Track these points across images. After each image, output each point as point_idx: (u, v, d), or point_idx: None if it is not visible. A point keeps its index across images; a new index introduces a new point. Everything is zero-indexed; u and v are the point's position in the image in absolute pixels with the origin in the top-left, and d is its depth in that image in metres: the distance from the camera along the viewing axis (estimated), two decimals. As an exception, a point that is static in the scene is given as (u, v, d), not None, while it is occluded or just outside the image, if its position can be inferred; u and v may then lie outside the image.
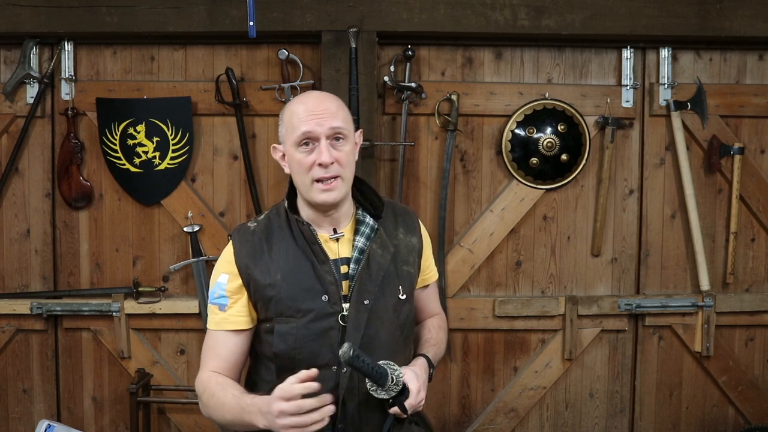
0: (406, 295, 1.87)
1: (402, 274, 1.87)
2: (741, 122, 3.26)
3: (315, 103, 1.78)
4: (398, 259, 1.87)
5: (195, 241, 3.16)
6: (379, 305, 1.80)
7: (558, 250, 3.28)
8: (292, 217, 1.83)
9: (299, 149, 1.77)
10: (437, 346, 1.98)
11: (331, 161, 1.74)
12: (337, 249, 1.83)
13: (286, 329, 1.78)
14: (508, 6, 3.00)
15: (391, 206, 1.95)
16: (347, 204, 1.86)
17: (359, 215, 1.87)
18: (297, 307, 1.77)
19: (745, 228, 3.29)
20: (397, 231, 1.90)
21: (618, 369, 3.32)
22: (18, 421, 3.25)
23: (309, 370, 1.64)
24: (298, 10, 2.97)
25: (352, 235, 1.85)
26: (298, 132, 1.76)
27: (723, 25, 3.04)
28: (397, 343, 1.85)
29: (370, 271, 1.80)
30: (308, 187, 1.77)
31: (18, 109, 3.14)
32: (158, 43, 3.15)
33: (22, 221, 3.20)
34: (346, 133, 1.79)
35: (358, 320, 1.77)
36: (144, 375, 3.14)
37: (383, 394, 1.69)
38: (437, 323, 2.07)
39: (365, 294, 1.79)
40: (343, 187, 1.79)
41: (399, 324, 1.85)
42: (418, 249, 1.94)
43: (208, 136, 3.20)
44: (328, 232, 1.83)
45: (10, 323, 3.18)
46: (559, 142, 3.16)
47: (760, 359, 3.36)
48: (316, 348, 1.76)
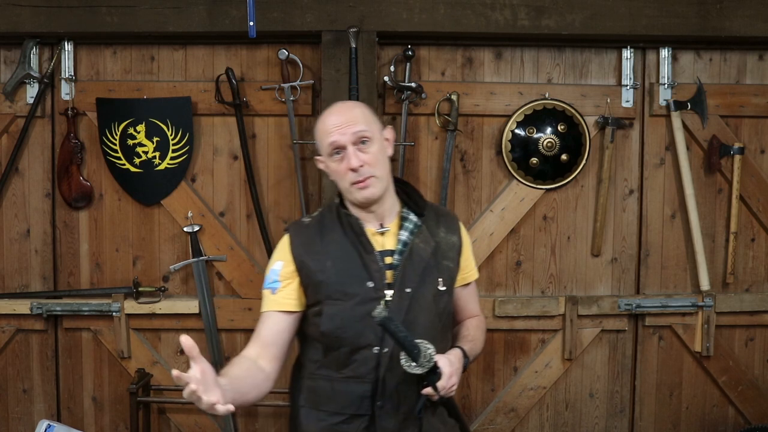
0: (446, 288, 2.00)
1: (442, 268, 2.00)
2: (741, 122, 3.26)
3: (337, 115, 1.95)
4: (439, 254, 2.00)
5: (195, 241, 3.16)
6: (420, 293, 1.94)
7: (558, 250, 3.28)
8: (342, 213, 1.99)
9: (332, 159, 1.94)
10: (474, 343, 2.09)
11: (359, 164, 1.90)
12: (383, 242, 1.98)
13: (333, 311, 1.92)
14: (508, 6, 3.00)
15: (434, 208, 2.10)
16: (390, 200, 2.00)
17: (404, 213, 2.03)
18: (344, 291, 1.91)
19: (745, 228, 3.29)
20: (438, 229, 2.04)
21: (618, 369, 3.32)
22: (18, 421, 3.25)
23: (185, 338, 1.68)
24: (298, 10, 2.97)
25: (397, 229, 2.00)
26: (326, 144, 1.93)
27: (723, 25, 3.04)
28: (435, 330, 1.97)
29: (412, 262, 1.95)
30: (348, 190, 1.94)
31: (18, 109, 3.14)
32: (158, 43, 3.15)
33: (22, 221, 3.20)
34: (369, 135, 1.93)
35: (400, 306, 1.91)
36: (144, 375, 3.14)
37: (416, 369, 1.79)
38: (476, 323, 2.18)
39: (407, 282, 1.93)
40: (378, 184, 1.93)
41: (438, 312, 1.98)
42: (458, 247, 2.07)
43: (208, 136, 3.20)
44: (374, 227, 1.98)
45: (10, 323, 3.18)
46: (559, 142, 3.16)
47: (760, 359, 3.36)
48: (360, 329, 1.90)
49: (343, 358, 1.92)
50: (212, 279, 3.23)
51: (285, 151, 3.19)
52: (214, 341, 3.18)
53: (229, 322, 3.20)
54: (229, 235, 3.20)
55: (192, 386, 1.60)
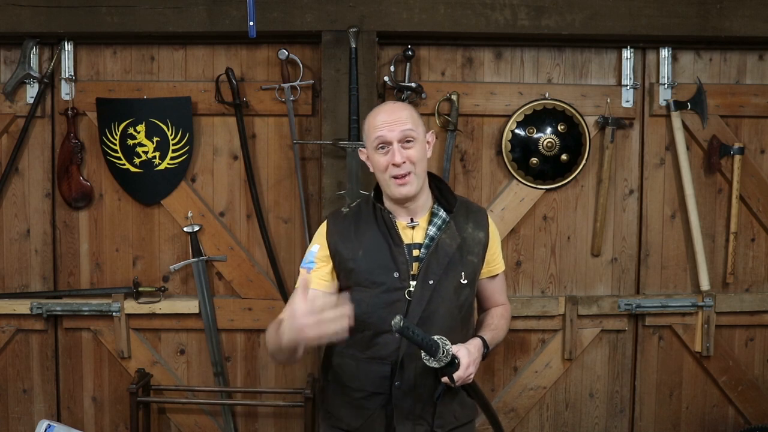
0: (467, 281, 2.13)
1: (466, 262, 2.13)
2: (741, 122, 3.26)
3: (387, 113, 2.10)
4: (464, 249, 2.14)
5: (195, 241, 3.17)
6: (442, 286, 2.08)
7: (558, 250, 3.28)
8: (377, 206, 2.15)
9: (377, 152, 2.09)
10: (496, 331, 2.22)
11: (402, 161, 2.05)
12: (412, 235, 2.13)
13: (361, 296, 2.07)
14: (508, 6, 3.01)
15: (465, 204, 2.23)
16: (424, 197, 2.15)
17: (435, 209, 2.17)
18: (372, 279, 2.07)
19: (745, 228, 3.30)
20: (467, 225, 2.17)
21: (618, 369, 3.32)
22: (18, 421, 3.25)
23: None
24: (298, 10, 2.97)
25: (427, 225, 2.14)
26: (374, 138, 2.08)
27: (723, 25, 3.04)
28: (455, 321, 2.11)
29: (437, 256, 2.09)
30: (387, 183, 2.09)
31: (18, 109, 3.14)
32: (158, 43, 3.15)
33: (22, 221, 3.20)
34: (414, 136, 2.08)
35: (422, 296, 2.05)
36: (144, 375, 3.14)
37: (434, 364, 1.92)
38: (500, 312, 2.31)
39: (431, 275, 2.07)
40: (416, 181, 2.08)
41: (458, 304, 2.12)
42: (484, 243, 2.20)
43: (208, 136, 3.20)
44: (405, 221, 2.13)
45: (10, 323, 3.18)
46: (559, 142, 3.16)
47: (760, 359, 3.36)
48: (384, 315, 2.04)
49: (367, 341, 2.08)
50: (212, 279, 3.23)
51: (285, 151, 3.19)
52: (214, 341, 3.18)
53: (229, 322, 3.20)
54: (229, 235, 3.20)
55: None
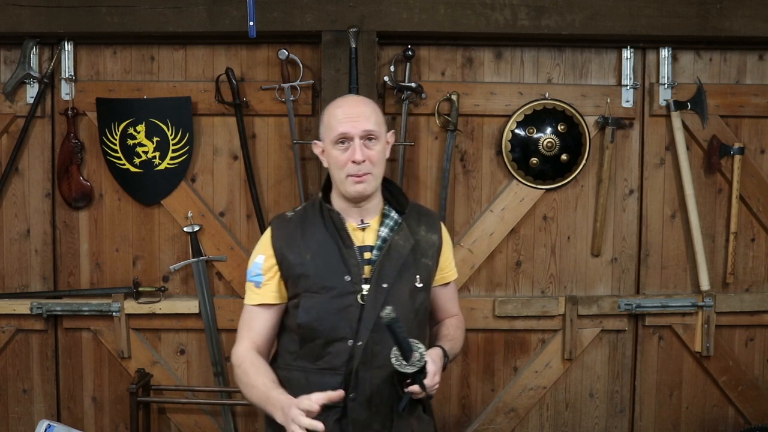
0: (423, 285, 2.03)
1: (420, 265, 2.04)
2: (741, 122, 3.26)
3: (351, 107, 1.99)
4: (418, 252, 2.04)
5: (195, 241, 3.16)
6: (396, 289, 1.97)
7: (558, 250, 3.28)
8: (325, 207, 2.03)
9: (336, 147, 1.97)
10: (454, 342, 2.11)
11: (363, 159, 1.94)
12: (363, 237, 2.02)
13: (311, 303, 1.96)
14: (508, 6, 3.00)
15: (416, 207, 2.14)
16: (376, 199, 2.05)
17: (386, 210, 2.07)
18: (322, 284, 1.96)
19: (745, 228, 3.29)
20: (419, 228, 2.08)
21: (618, 369, 3.32)
22: (18, 421, 3.25)
23: (333, 393, 1.81)
24: (298, 10, 2.97)
25: (378, 226, 2.04)
26: (336, 132, 1.96)
27: (723, 25, 3.04)
28: (411, 326, 1.98)
29: (390, 258, 1.98)
30: (343, 180, 1.97)
31: (18, 109, 3.14)
32: (158, 43, 3.15)
33: (22, 221, 3.20)
34: (377, 135, 1.98)
35: (376, 301, 1.93)
36: (144, 375, 3.14)
37: (407, 368, 1.81)
38: (455, 323, 2.20)
39: (384, 278, 1.96)
40: (373, 182, 1.98)
41: (414, 308, 2.01)
42: (437, 246, 2.10)
43: (208, 136, 3.20)
44: (356, 222, 2.02)
45: (10, 323, 3.18)
46: (559, 142, 3.16)
47: (760, 359, 3.36)
48: (336, 322, 1.94)
49: (318, 350, 1.96)
50: (212, 279, 3.23)
51: (285, 151, 3.19)
52: (214, 341, 3.18)
53: (229, 322, 3.19)
54: (229, 235, 3.20)
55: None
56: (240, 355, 2.01)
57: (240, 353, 2.01)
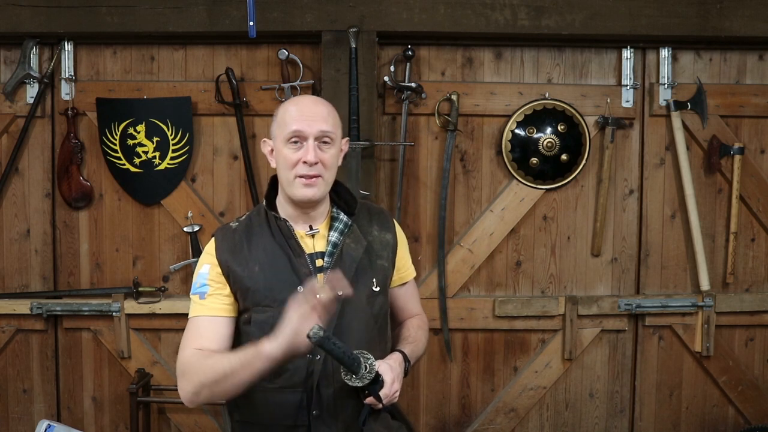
0: (380, 288, 1.95)
1: (376, 267, 1.95)
2: (741, 122, 3.26)
3: (308, 106, 1.89)
4: (372, 253, 1.95)
5: (195, 241, 3.16)
6: (352, 296, 1.84)
7: (558, 250, 3.28)
8: (270, 215, 1.92)
9: (287, 145, 1.86)
10: (415, 344, 2.03)
11: (315, 161, 1.84)
12: (313, 244, 1.92)
13: (263, 318, 1.85)
14: (508, 6, 3.01)
15: (365, 206, 2.05)
16: (324, 204, 1.96)
17: (334, 213, 1.97)
18: (273, 297, 1.84)
19: (745, 228, 3.29)
20: (371, 227, 1.99)
21: (618, 369, 3.32)
22: (18, 421, 3.25)
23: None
24: (298, 10, 2.97)
25: (327, 231, 1.94)
26: (289, 129, 1.85)
27: (723, 25, 3.04)
28: (372, 333, 1.91)
29: (343, 264, 1.89)
30: (291, 182, 1.86)
31: (18, 109, 3.14)
32: (158, 43, 3.15)
33: (22, 221, 3.20)
34: (333, 138, 1.88)
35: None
36: (144, 375, 3.14)
37: (357, 382, 1.76)
38: (416, 323, 2.12)
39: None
40: (323, 186, 1.88)
41: (373, 314, 1.93)
42: (392, 245, 2.01)
43: (208, 136, 3.20)
44: (304, 229, 1.92)
45: (10, 323, 3.18)
46: (559, 142, 3.16)
47: (760, 359, 3.36)
48: None
49: (276, 368, 1.79)
50: (212, 279, 3.22)
51: (285, 151, 3.19)
52: (214, 341, 3.18)
53: (229, 322, 3.19)
54: (229, 235, 3.20)
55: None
56: (187, 356, 1.82)
57: (186, 355, 1.83)
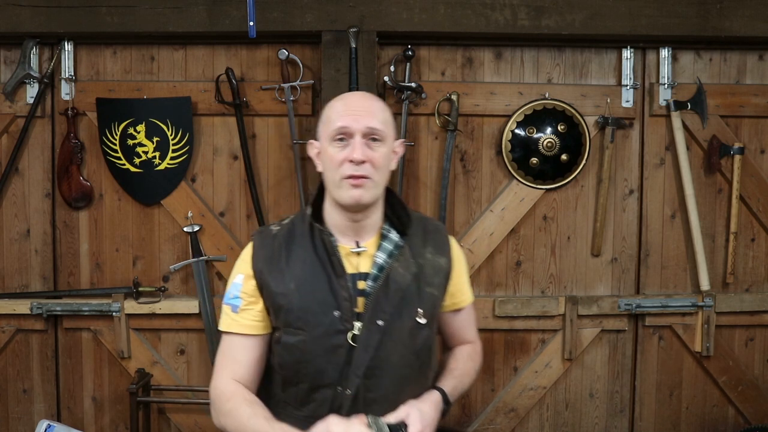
0: (426, 320, 1.75)
1: (424, 296, 1.76)
2: (741, 122, 3.26)
3: (355, 101, 1.75)
4: (422, 280, 1.76)
5: (195, 241, 3.17)
6: (394, 327, 1.71)
7: (558, 250, 3.28)
8: (316, 227, 1.76)
9: (333, 144, 1.72)
10: (460, 379, 1.86)
11: (363, 159, 1.68)
12: (357, 263, 1.75)
13: (293, 341, 1.71)
14: (508, 6, 3.01)
15: (421, 222, 1.85)
16: (376, 214, 1.78)
17: (384, 230, 1.80)
18: (306, 319, 1.70)
19: (745, 228, 3.29)
20: (424, 249, 1.80)
21: (618, 369, 3.32)
22: (18, 421, 3.25)
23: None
24: (298, 10, 2.97)
25: (375, 249, 1.77)
26: (334, 126, 1.71)
27: (723, 25, 3.04)
28: (410, 370, 1.75)
29: (387, 290, 1.71)
30: (337, 184, 1.71)
31: (18, 109, 3.14)
32: (158, 43, 3.15)
33: (22, 221, 3.20)
34: (383, 136, 1.72)
35: (369, 341, 1.68)
36: (144, 375, 3.14)
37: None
38: (468, 352, 1.95)
39: (380, 314, 1.70)
40: (372, 189, 1.71)
41: (414, 350, 1.75)
42: (446, 270, 1.83)
43: (208, 136, 3.20)
44: (350, 244, 1.76)
45: (10, 323, 3.18)
46: (559, 142, 3.16)
47: (760, 359, 3.36)
48: (322, 365, 1.70)
49: (303, 396, 1.72)
50: (212, 279, 3.23)
51: (285, 151, 3.19)
52: (214, 341, 3.18)
53: (229, 322, 3.19)
54: (229, 235, 3.20)
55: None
56: (223, 390, 1.73)
57: (222, 388, 1.74)
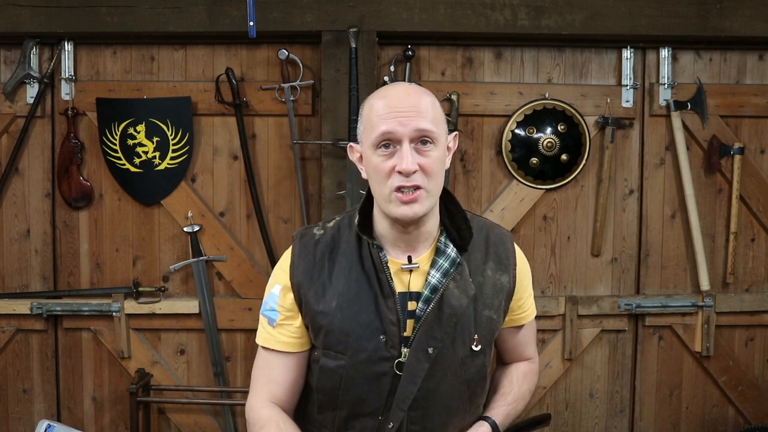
0: (481, 347, 1.59)
1: (481, 321, 1.58)
2: (741, 122, 3.26)
3: (399, 98, 1.50)
4: (480, 302, 1.58)
5: (195, 241, 3.16)
6: (446, 356, 1.54)
7: (558, 250, 3.28)
8: (363, 239, 1.57)
9: (377, 152, 1.49)
10: (514, 405, 1.70)
11: (414, 169, 1.46)
12: (408, 281, 1.56)
13: (333, 366, 1.56)
14: (508, 6, 3.01)
15: (484, 231, 1.65)
16: (431, 221, 1.58)
17: (440, 243, 1.59)
18: (348, 343, 1.53)
19: (745, 228, 3.29)
20: (485, 266, 1.61)
21: (618, 369, 3.32)
22: (18, 421, 3.25)
23: None
24: (298, 10, 2.97)
25: (428, 266, 1.57)
26: (377, 131, 1.48)
27: (723, 25, 3.04)
28: (461, 400, 1.59)
29: (441, 315, 1.53)
30: (386, 198, 1.50)
31: (18, 109, 3.14)
32: (158, 43, 3.14)
33: (22, 221, 3.20)
34: (435, 137, 1.50)
35: (417, 370, 1.52)
36: (144, 375, 3.14)
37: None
38: (523, 371, 1.77)
39: (430, 341, 1.53)
40: (427, 201, 1.51)
41: (466, 379, 1.59)
42: (507, 290, 1.63)
43: (208, 136, 3.20)
44: (401, 258, 1.57)
45: (10, 323, 3.18)
46: (559, 142, 3.16)
47: (760, 359, 3.36)
48: (364, 393, 1.55)
49: (340, 423, 1.59)
50: (212, 279, 3.23)
51: (285, 151, 3.19)
52: (214, 341, 3.18)
53: (229, 322, 3.20)
54: (229, 235, 3.20)
55: None
56: (259, 413, 1.60)
57: (258, 410, 1.60)
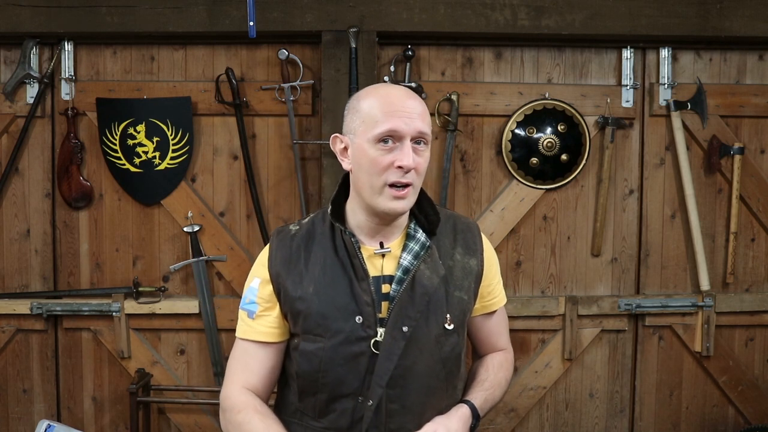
0: (454, 325, 1.65)
1: (452, 301, 1.65)
2: (741, 122, 3.26)
3: (401, 98, 1.58)
4: (450, 283, 1.65)
5: (195, 241, 3.17)
6: (420, 334, 1.60)
7: (558, 250, 3.28)
8: (337, 228, 1.64)
9: (377, 146, 1.56)
10: (491, 391, 1.76)
11: (414, 166, 1.56)
12: (381, 265, 1.64)
13: (311, 349, 1.62)
14: (508, 6, 3.01)
15: (451, 220, 1.74)
16: (403, 216, 1.67)
17: (410, 229, 1.67)
18: (326, 325, 1.60)
19: (745, 228, 3.30)
20: (454, 250, 1.69)
21: (618, 369, 3.32)
22: (18, 421, 3.25)
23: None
24: (298, 10, 2.97)
25: (400, 251, 1.65)
26: (381, 128, 1.55)
27: (723, 25, 3.04)
28: (437, 380, 1.65)
29: (413, 294, 1.60)
30: (377, 190, 1.57)
31: (18, 109, 3.14)
32: (158, 43, 3.15)
33: (22, 221, 3.20)
34: (428, 140, 1.61)
35: (393, 348, 1.58)
36: (144, 375, 3.14)
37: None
38: (499, 361, 1.83)
39: (405, 320, 1.59)
40: (413, 197, 1.61)
41: (441, 357, 1.64)
42: (476, 272, 1.71)
43: (208, 136, 3.20)
44: (373, 245, 1.65)
45: (10, 323, 3.18)
46: (559, 142, 3.16)
47: (760, 359, 3.36)
48: (343, 374, 1.60)
49: (321, 406, 1.63)
50: (212, 279, 3.23)
51: (285, 151, 3.19)
52: (214, 341, 3.18)
53: (229, 322, 3.19)
54: (229, 235, 3.20)
55: None
56: (235, 399, 1.65)
57: (234, 397, 1.66)
